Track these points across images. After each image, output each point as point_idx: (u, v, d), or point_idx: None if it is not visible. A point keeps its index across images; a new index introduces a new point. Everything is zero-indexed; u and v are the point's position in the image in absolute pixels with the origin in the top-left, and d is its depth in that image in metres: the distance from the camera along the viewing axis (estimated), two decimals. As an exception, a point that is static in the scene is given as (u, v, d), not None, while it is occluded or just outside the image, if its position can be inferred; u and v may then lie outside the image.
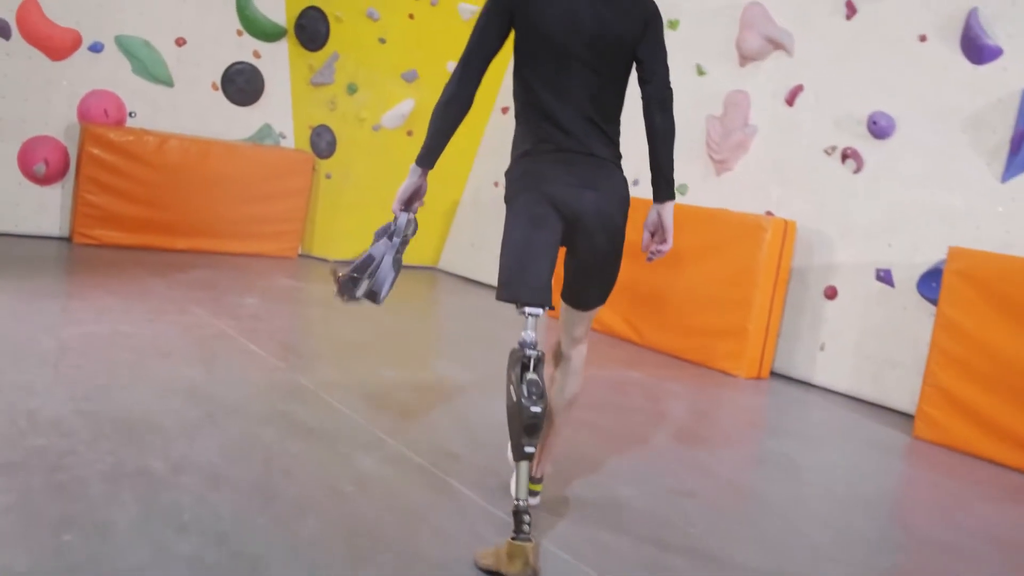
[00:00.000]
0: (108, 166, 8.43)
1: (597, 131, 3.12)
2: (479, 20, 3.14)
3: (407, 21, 9.02)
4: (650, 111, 3.19)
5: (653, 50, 3.16)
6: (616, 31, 3.07)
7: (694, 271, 6.89)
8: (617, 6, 3.08)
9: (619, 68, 3.14)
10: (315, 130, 9.54)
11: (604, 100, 3.13)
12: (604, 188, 3.11)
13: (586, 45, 3.05)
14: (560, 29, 3.04)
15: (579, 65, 3.07)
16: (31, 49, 8.37)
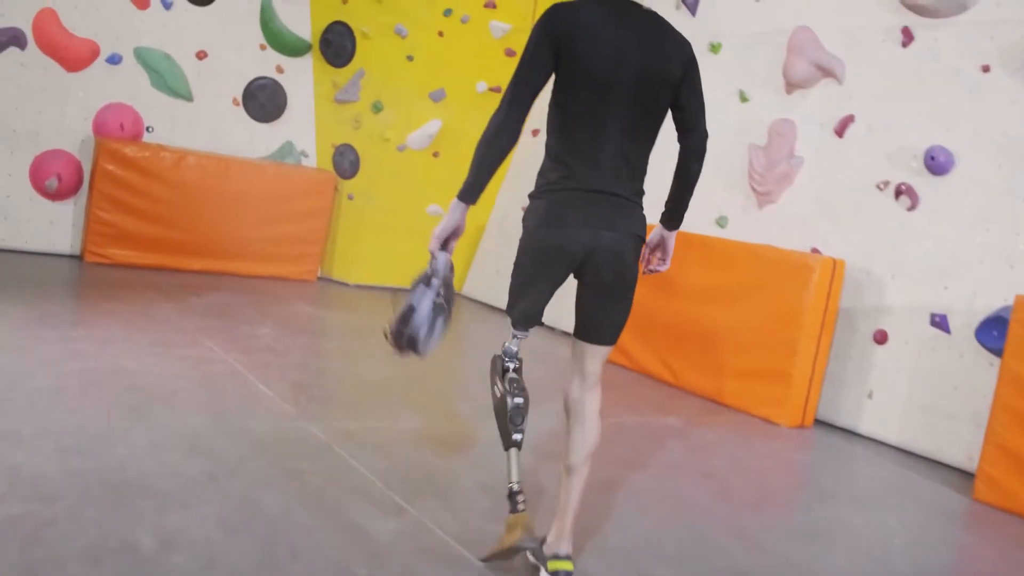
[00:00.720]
0: (122, 182, 8.12)
1: (627, 169, 3.15)
2: (527, 50, 3.09)
3: (436, 39, 8.69)
4: (687, 160, 3.30)
5: (693, 99, 3.21)
6: (659, 72, 3.09)
7: (735, 309, 6.49)
8: (661, 47, 3.10)
9: (658, 109, 3.16)
10: (338, 149, 9.22)
11: (639, 139, 3.16)
12: (622, 228, 3.13)
13: (629, 83, 3.06)
14: (605, 65, 3.03)
15: (619, 102, 3.07)
16: (47, 60, 8.10)
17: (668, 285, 6.91)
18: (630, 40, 3.05)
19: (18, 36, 7.94)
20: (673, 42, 3.16)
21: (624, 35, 3.05)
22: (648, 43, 3.08)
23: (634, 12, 3.13)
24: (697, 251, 6.78)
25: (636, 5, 3.16)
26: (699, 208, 7.49)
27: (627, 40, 3.05)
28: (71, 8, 8.12)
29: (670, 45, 3.14)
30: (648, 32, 3.11)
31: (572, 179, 3.08)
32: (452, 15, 8.57)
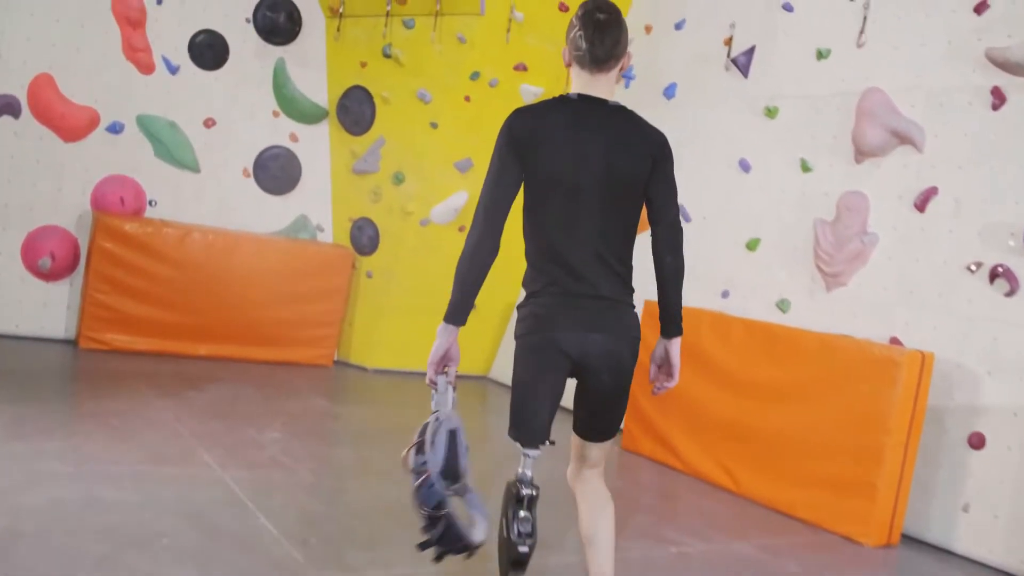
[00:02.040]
0: (122, 261, 7.46)
1: (607, 270, 3.09)
2: (492, 164, 3.10)
3: (462, 104, 8.03)
4: (659, 253, 3.18)
5: (662, 188, 3.14)
6: (626, 169, 3.06)
7: (806, 408, 5.69)
8: (626, 143, 3.07)
9: (629, 206, 3.12)
10: (356, 223, 8.53)
11: (614, 238, 3.11)
12: (612, 329, 3.10)
13: (596, 184, 3.04)
14: (570, 169, 3.02)
15: (588, 204, 3.05)
16: (42, 129, 7.50)
17: (726, 378, 6.14)
18: (596, 140, 3.03)
19: (12, 104, 7.35)
20: (641, 137, 3.12)
21: (589, 136, 3.03)
22: (615, 141, 3.05)
23: (599, 110, 3.07)
24: (760, 340, 6.01)
25: (602, 102, 3.09)
26: (757, 290, 6.76)
27: (592, 141, 3.03)
28: (69, 74, 7.53)
29: (638, 140, 3.10)
30: (615, 129, 3.07)
31: (554, 284, 3.07)
32: (480, 78, 7.92)
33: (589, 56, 3.07)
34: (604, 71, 3.10)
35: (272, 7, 8.22)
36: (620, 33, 3.10)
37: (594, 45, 3.06)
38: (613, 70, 3.13)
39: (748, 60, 6.97)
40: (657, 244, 3.17)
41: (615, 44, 3.08)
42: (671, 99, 7.56)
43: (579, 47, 3.08)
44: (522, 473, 3.08)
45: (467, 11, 7.72)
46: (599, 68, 3.09)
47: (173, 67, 7.92)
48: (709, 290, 6.93)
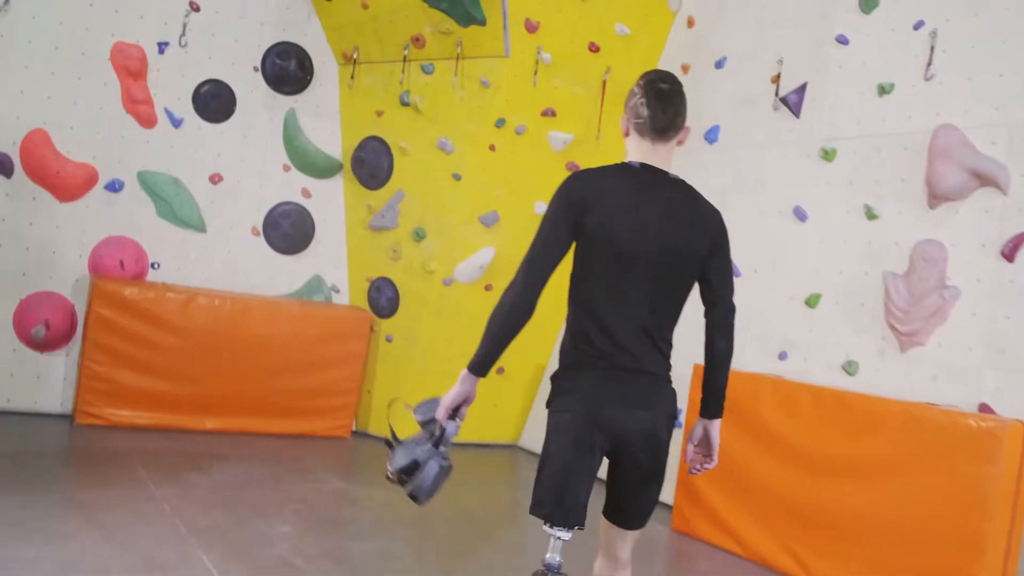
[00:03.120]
0: (121, 329, 6.89)
1: (652, 345, 3.05)
2: (545, 222, 3.03)
3: (487, 153, 7.47)
4: (713, 336, 3.16)
5: (720, 269, 3.12)
6: (684, 245, 3.02)
7: (886, 488, 5.01)
8: (686, 218, 3.04)
9: (683, 282, 3.08)
10: (374, 283, 7.95)
11: (663, 313, 3.07)
12: (653, 406, 3.06)
13: (652, 256, 3.00)
14: (628, 238, 2.98)
15: (641, 277, 3.01)
16: (36, 188, 6.98)
17: (791, 451, 5.48)
18: (655, 211, 2.98)
19: (3, 162, 6.84)
20: (701, 213, 3.08)
21: (649, 206, 2.98)
22: (674, 214, 3.01)
23: (660, 181, 3.04)
24: (830, 409, 5.35)
25: (662, 173, 3.05)
26: (819, 351, 6.07)
27: (652, 211, 2.98)
28: (65, 129, 7.03)
29: (698, 216, 3.06)
30: (675, 202, 3.03)
31: (597, 358, 3.02)
32: (505, 126, 7.36)
33: (650, 124, 3.04)
34: (664, 140, 3.06)
35: (281, 54, 7.73)
36: (682, 104, 3.08)
37: (656, 114, 3.03)
38: (672, 140, 3.09)
39: (799, 98, 6.38)
40: (712, 327, 3.16)
41: (676, 114, 3.05)
42: (713, 143, 6.97)
43: (640, 115, 3.05)
44: (551, 559, 2.97)
45: (490, 53, 7.19)
46: (660, 137, 3.05)
47: (176, 120, 7.41)
48: (764, 351, 6.27)
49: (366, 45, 7.71)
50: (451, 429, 3.07)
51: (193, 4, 7.38)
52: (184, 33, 7.37)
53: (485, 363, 3.02)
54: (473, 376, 3.03)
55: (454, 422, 3.07)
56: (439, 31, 7.25)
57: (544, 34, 7.16)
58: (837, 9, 6.23)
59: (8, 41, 6.83)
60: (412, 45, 7.46)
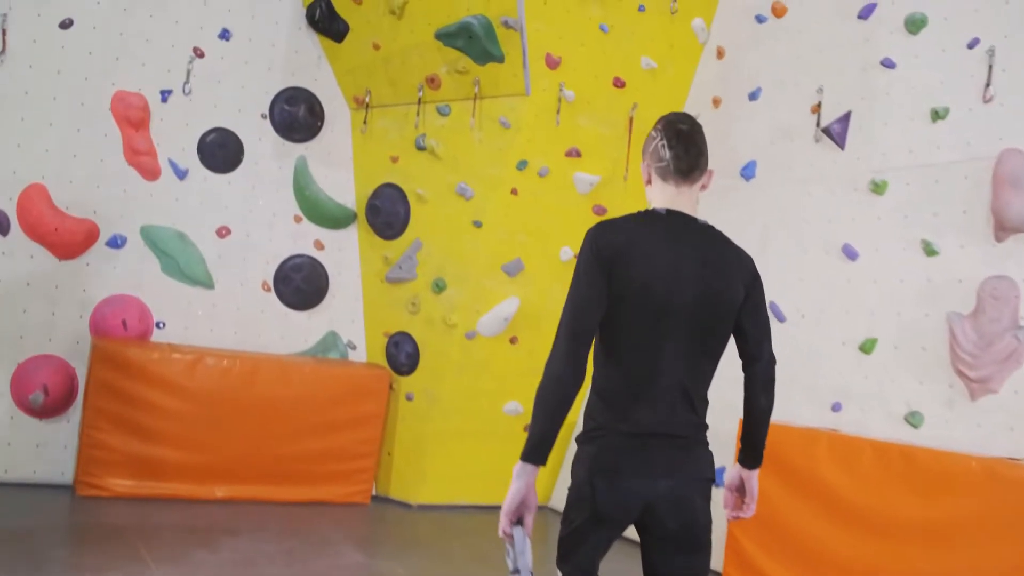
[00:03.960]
0: (124, 393, 6.49)
1: (686, 404, 2.89)
2: (576, 280, 2.87)
3: (508, 198, 7.05)
4: (754, 393, 3.01)
5: (757, 320, 2.97)
6: (720, 293, 2.88)
7: (958, 555, 4.53)
8: (720, 265, 2.90)
9: (719, 333, 2.92)
10: (392, 339, 7.52)
11: (700, 368, 2.91)
12: (683, 473, 2.88)
13: (687, 308, 2.84)
14: (661, 289, 2.83)
15: (675, 330, 2.85)
16: (34, 246, 6.63)
17: (853, 513, 4.98)
18: (687, 260, 2.86)
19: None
20: (735, 260, 2.96)
21: (680, 254, 2.86)
22: (707, 262, 2.88)
23: (690, 228, 2.92)
24: (895, 465, 4.86)
25: (691, 219, 2.94)
26: (878, 401, 5.50)
27: (684, 260, 2.86)
28: (64, 183, 6.69)
29: (731, 263, 2.94)
30: (706, 250, 2.91)
31: (625, 420, 2.86)
32: (527, 168, 6.95)
33: (674, 166, 2.92)
34: (688, 183, 2.93)
35: (290, 100, 7.39)
36: (704, 144, 2.97)
37: (679, 155, 2.91)
38: (697, 183, 2.97)
39: (843, 128, 5.94)
40: (752, 383, 3.01)
41: (699, 154, 2.94)
42: (751, 179, 6.53)
43: (662, 158, 2.93)
44: None
45: (510, 92, 6.81)
46: (684, 180, 2.93)
47: (181, 171, 7.06)
48: (816, 403, 5.76)
49: (378, 88, 7.36)
50: (520, 541, 2.69)
51: (197, 50, 7.07)
52: (188, 80, 7.05)
53: (541, 447, 2.78)
54: (530, 466, 2.76)
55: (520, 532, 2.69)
56: (455, 70, 6.89)
57: (566, 70, 6.78)
58: (881, 31, 5.81)
59: (4, 93, 6.54)
60: (427, 86, 7.10)
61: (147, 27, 6.91)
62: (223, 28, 7.14)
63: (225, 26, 7.15)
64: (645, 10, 6.77)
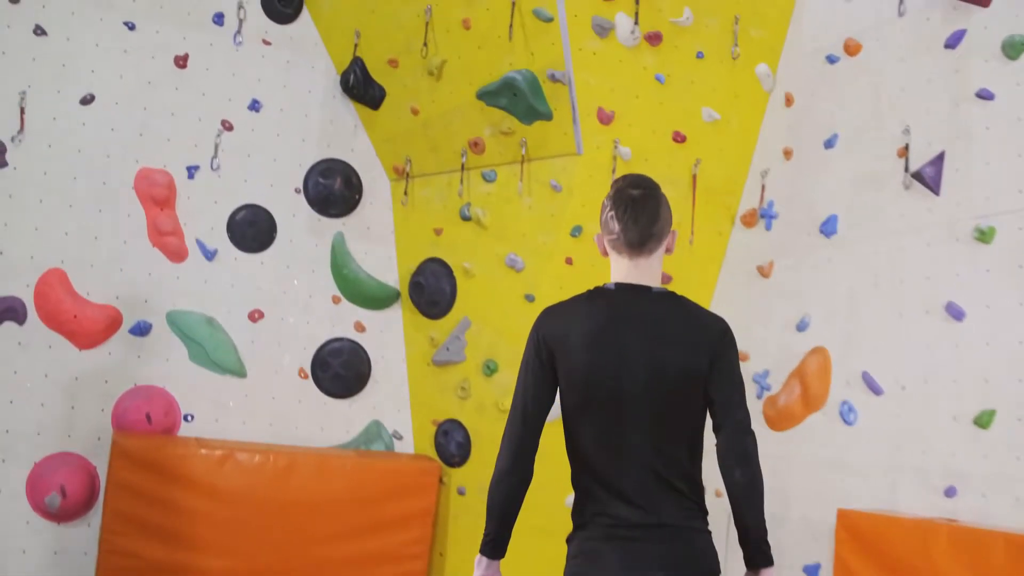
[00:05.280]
0: (147, 495, 5.99)
1: (668, 491, 2.77)
2: (519, 372, 2.91)
3: (563, 268, 6.46)
4: (727, 466, 2.81)
5: (724, 386, 2.81)
6: (678, 367, 2.77)
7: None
8: (676, 336, 2.79)
9: (688, 411, 2.82)
10: (441, 427, 6.96)
11: (675, 450, 2.80)
12: (678, 565, 2.74)
13: (642, 390, 2.75)
14: (609, 375, 2.76)
15: (636, 415, 2.76)
16: (52, 336, 6.21)
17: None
18: (638, 336, 2.76)
19: (15, 308, 6.11)
20: (695, 326, 2.84)
21: (630, 331, 2.77)
22: (661, 336, 2.78)
23: (640, 299, 2.82)
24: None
25: (643, 290, 2.84)
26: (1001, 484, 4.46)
27: (634, 337, 2.76)
28: (85, 267, 6.29)
29: (692, 331, 2.82)
30: (662, 321, 2.80)
31: (602, 514, 2.78)
32: (583, 234, 6.37)
33: (624, 239, 2.85)
34: (644, 255, 2.85)
35: (325, 173, 6.95)
36: (658, 209, 2.87)
37: (627, 227, 2.83)
38: (656, 252, 2.87)
39: (937, 171, 5.25)
40: (722, 454, 2.83)
41: (652, 222, 2.83)
42: (832, 236, 5.84)
43: (612, 230, 2.87)
44: None
45: (560, 152, 6.27)
46: (637, 252, 2.85)
47: (209, 252, 6.63)
48: (925, 488, 4.97)
49: (419, 156, 6.90)
50: None
51: (226, 123, 6.69)
52: (216, 155, 6.66)
53: (497, 542, 2.90)
54: (487, 559, 2.90)
55: None
56: (499, 132, 6.39)
57: (621, 125, 6.22)
58: (974, 59, 5.14)
59: (22, 174, 6.19)
60: (470, 151, 6.60)
61: (172, 100, 6.56)
62: (253, 99, 6.77)
63: (255, 97, 6.78)
64: (704, 57, 6.21)
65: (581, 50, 5.99)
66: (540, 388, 2.83)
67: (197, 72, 6.63)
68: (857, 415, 5.44)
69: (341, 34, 6.93)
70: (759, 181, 6.30)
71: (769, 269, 6.15)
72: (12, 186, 6.14)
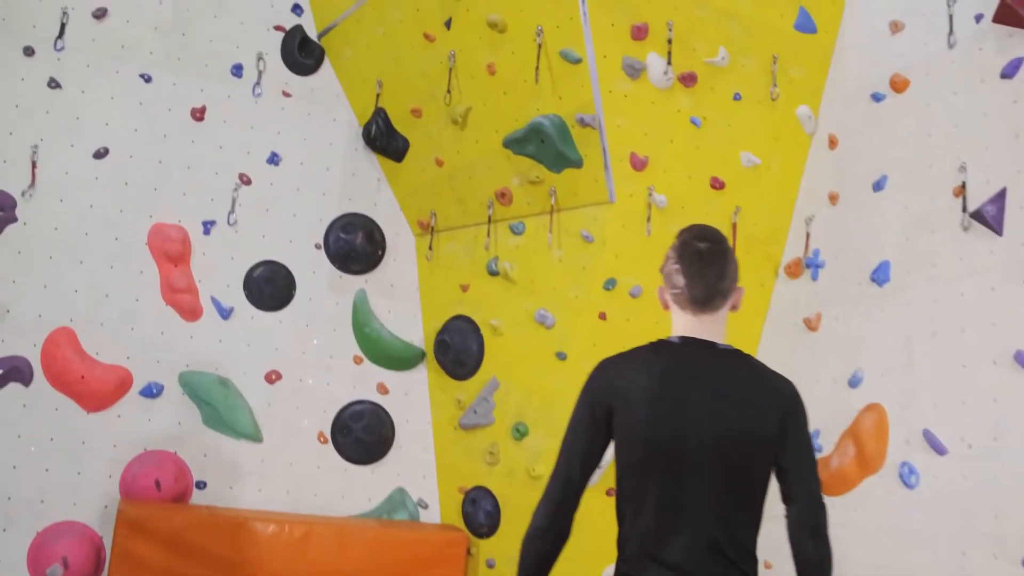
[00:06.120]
0: (155, 567, 5.64)
1: (721, 561, 2.61)
2: (568, 425, 2.80)
3: (596, 324, 6.10)
4: (799, 540, 2.68)
5: (797, 454, 2.70)
6: (746, 431, 2.64)
7: None
8: (745, 397, 2.67)
9: (754, 476, 2.68)
10: (469, 495, 6.57)
11: (737, 520, 2.64)
12: None
13: (706, 452, 2.61)
14: (670, 434, 2.63)
15: (697, 479, 2.61)
16: (59, 397, 5.96)
17: None
18: (702, 394, 2.65)
19: (20, 368, 5.87)
20: (765, 388, 2.72)
21: (693, 389, 2.66)
22: (729, 395, 2.66)
23: (706, 356, 2.70)
24: None
25: (708, 345, 2.72)
26: None
27: (699, 395, 2.65)
28: (94, 326, 6.07)
29: (760, 393, 2.71)
30: (729, 380, 2.68)
31: None
32: (617, 287, 6.01)
33: (688, 295, 2.75)
34: (708, 311, 2.75)
35: (347, 228, 6.70)
36: (726, 265, 2.77)
37: (693, 282, 2.73)
38: (721, 309, 2.77)
39: (999, 209, 4.85)
40: (795, 527, 2.68)
41: (719, 278, 2.74)
42: (885, 284, 5.44)
43: (676, 284, 2.79)
44: None
45: (591, 201, 5.94)
46: (702, 308, 2.75)
47: (225, 310, 6.36)
48: (1001, 557, 4.48)
49: (444, 208, 6.63)
50: None
51: (243, 177, 6.47)
52: (233, 210, 6.44)
53: None
54: None
55: None
56: (527, 181, 6.09)
57: (655, 171, 5.89)
58: (1034, 88, 4.79)
59: (32, 229, 6.01)
60: (497, 202, 6.31)
61: (188, 154, 6.37)
62: (272, 152, 6.56)
63: (274, 150, 6.57)
64: (741, 98, 5.91)
65: (612, 92, 5.69)
66: (590, 448, 2.73)
67: (215, 125, 6.46)
68: (919, 478, 4.98)
69: (363, 84, 6.73)
70: (803, 228, 5.94)
71: (817, 321, 5.75)
72: (21, 242, 5.96)
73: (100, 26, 6.24)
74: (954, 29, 5.22)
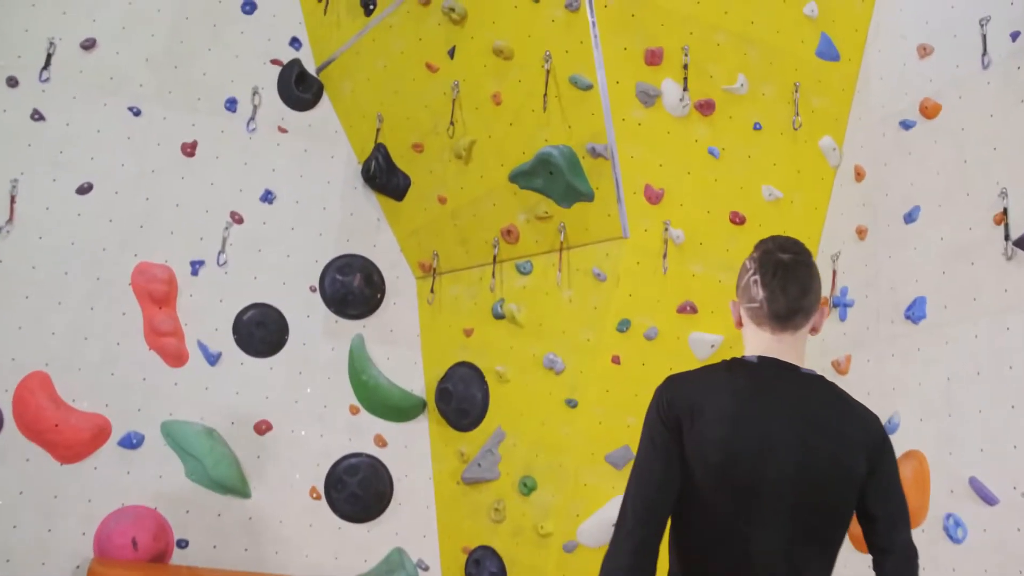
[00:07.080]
0: None
1: None
2: (639, 449, 2.46)
3: (609, 369, 5.73)
4: None
5: (888, 498, 2.43)
6: (831, 465, 2.39)
7: None
8: (831, 429, 2.41)
9: (833, 516, 2.41)
10: (473, 556, 6.14)
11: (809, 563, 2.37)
12: None
13: (784, 485, 2.34)
14: (746, 461, 2.35)
15: (771, 514, 2.34)
16: (30, 447, 5.57)
17: None
18: (785, 421, 2.39)
19: None
20: (852, 420, 2.46)
21: (776, 414, 2.39)
22: (814, 424, 2.40)
23: (790, 379, 2.45)
24: None
25: (791, 368, 2.47)
26: None
27: (780, 421, 2.39)
28: (71, 371, 5.69)
29: (850, 424, 2.45)
30: (814, 408, 2.42)
31: None
32: (631, 329, 5.66)
33: (768, 310, 2.49)
34: (790, 330, 2.48)
35: (344, 270, 6.36)
36: (810, 280, 2.53)
37: (774, 295, 2.47)
38: (803, 329, 2.51)
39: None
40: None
41: (803, 293, 2.48)
42: (921, 322, 5.07)
43: (753, 298, 2.52)
44: None
45: (604, 237, 5.62)
46: (783, 326, 2.48)
47: (212, 355, 5.98)
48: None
49: (447, 249, 6.30)
50: None
51: (235, 215, 6.15)
52: (223, 249, 6.10)
53: None
54: None
55: None
56: (535, 217, 5.79)
57: (671, 205, 5.58)
58: (1079, 106, 4.49)
59: (8, 267, 5.69)
60: (503, 240, 5.99)
61: (177, 190, 6.06)
62: (266, 189, 6.25)
63: (269, 187, 6.26)
64: (762, 128, 5.62)
65: (624, 121, 5.41)
66: (669, 467, 2.37)
67: (206, 160, 6.16)
68: (966, 531, 4.56)
69: (362, 119, 6.45)
70: (830, 266, 5.61)
71: (846, 364, 5.37)
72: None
73: (88, 57, 6.00)
74: (988, 49, 4.96)
